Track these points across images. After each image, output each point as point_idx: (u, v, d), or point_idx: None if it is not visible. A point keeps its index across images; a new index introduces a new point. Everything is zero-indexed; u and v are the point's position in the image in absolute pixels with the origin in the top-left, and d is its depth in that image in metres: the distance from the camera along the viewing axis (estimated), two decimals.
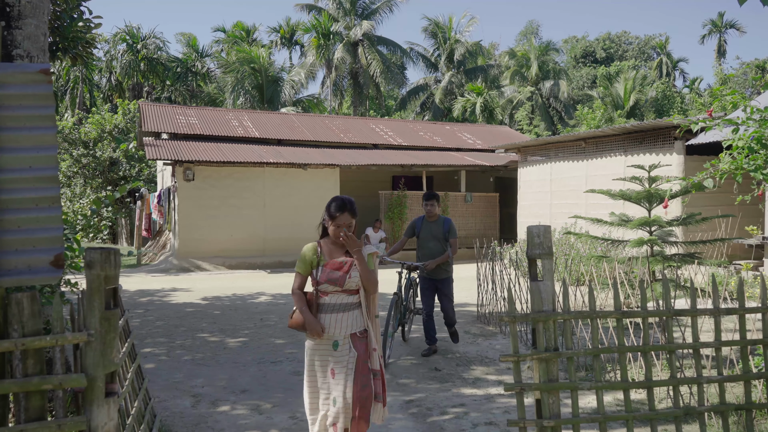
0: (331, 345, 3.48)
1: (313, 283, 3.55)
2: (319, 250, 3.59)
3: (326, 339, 3.48)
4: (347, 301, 3.52)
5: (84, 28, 6.54)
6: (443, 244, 6.58)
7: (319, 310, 3.52)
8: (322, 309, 3.52)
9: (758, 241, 10.07)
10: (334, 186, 17.08)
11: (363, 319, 3.56)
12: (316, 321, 3.47)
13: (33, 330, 2.40)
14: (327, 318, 3.49)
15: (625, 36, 55.11)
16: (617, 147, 13.21)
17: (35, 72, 2.68)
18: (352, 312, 3.52)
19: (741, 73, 36.65)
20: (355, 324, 3.52)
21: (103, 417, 2.45)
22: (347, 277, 3.49)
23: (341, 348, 3.46)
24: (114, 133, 25.93)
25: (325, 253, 3.58)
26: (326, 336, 3.47)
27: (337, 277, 3.49)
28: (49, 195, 2.64)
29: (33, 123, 2.65)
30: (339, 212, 3.52)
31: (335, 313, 3.49)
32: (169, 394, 5.24)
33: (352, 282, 3.50)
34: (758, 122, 4.30)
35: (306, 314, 3.49)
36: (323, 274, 3.50)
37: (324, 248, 3.61)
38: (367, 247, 3.63)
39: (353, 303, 3.54)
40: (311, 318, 3.47)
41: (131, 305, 9.79)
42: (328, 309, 3.50)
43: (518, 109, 36.82)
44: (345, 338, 3.47)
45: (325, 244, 3.62)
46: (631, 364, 5.42)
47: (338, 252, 3.59)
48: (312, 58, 35.03)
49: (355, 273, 3.50)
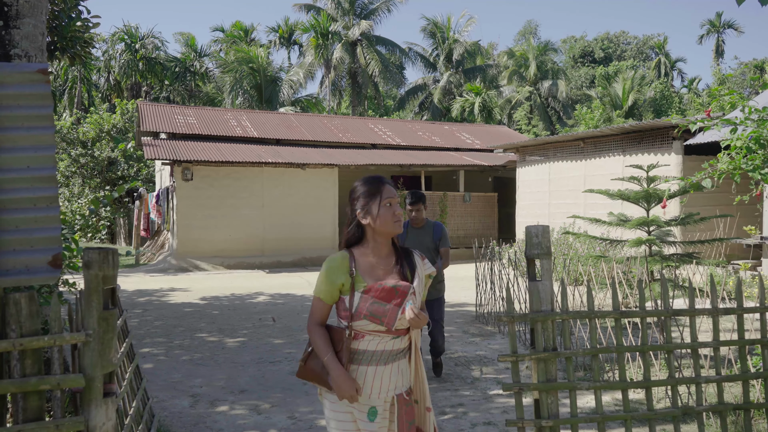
0: (366, 414, 2.39)
1: (344, 316, 2.41)
2: (353, 265, 2.41)
3: (360, 404, 2.39)
4: (394, 347, 2.40)
5: (82, 27, 6.53)
6: (434, 255, 5.52)
7: (351, 359, 2.39)
8: (356, 358, 2.38)
9: (756, 241, 10.09)
10: (333, 186, 17.08)
11: (411, 370, 2.48)
12: (348, 377, 2.34)
13: (31, 330, 2.40)
14: (363, 372, 2.38)
15: (624, 36, 55.17)
16: (616, 147, 13.21)
17: (33, 72, 2.68)
18: (398, 363, 2.42)
19: (739, 73, 36.70)
20: (402, 380, 2.44)
21: (101, 417, 2.44)
22: (399, 312, 2.35)
23: (380, 419, 2.40)
24: (112, 132, 25.90)
25: (362, 270, 2.42)
26: (360, 400, 2.38)
27: (385, 311, 2.34)
28: (47, 195, 2.64)
29: (31, 123, 2.64)
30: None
31: (375, 365, 2.38)
32: (168, 394, 5.24)
33: (405, 319, 2.35)
34: (756, 122, 4.30)
35: (333, 366, 2.34)
36: (363, 303, 2.35)
37: (361, 263, 2.44)
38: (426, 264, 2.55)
39: (401, 349, 2.43)
40: (342, 373, 2.33)
41: (130, 305, 9.78)
42: (364, 358, 2.38)
43: (517, 109, 36.86)
44: (386, 403, 2.41)
45: (363, 256, 2.45)
46: (630, 363, 5.42)
47: (384, 269, 2.45)
48: (310, 57, 35.02)
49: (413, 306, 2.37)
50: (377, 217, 2.42)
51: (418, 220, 5.55)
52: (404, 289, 2.37)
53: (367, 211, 2.44)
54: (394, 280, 2.39)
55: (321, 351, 2.40)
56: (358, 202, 2.48)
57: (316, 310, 2.48)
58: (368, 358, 2.38)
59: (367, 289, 2.36)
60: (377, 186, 2.47)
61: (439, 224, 5.66)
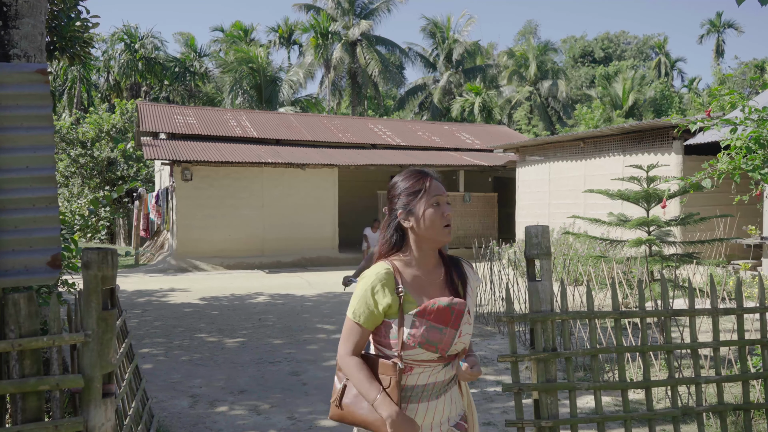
0: None
1: (386, 344, 1.99)
2: (399, 281, 1.98)
3: None
4: (445, 376, 2.02)
5: (81, 27, 6.53)
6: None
7: (403, 396, 1.97)
8: (409, 395, 1.98)
9: (756, 241, 10.09)
10: (333, 186, 17.08)
11: (463, 393, 2.15)
12: (409, 419, 1.92)
13: (30, 331, 2.39)
14: (413, 411, 1.98)
15: (624, 36, 55.19)
16: (616, 147, 13.21)
17: (32, 72, 2.67)
18: (450, 392, 2.06)
19: (739, 73, 36.70)
20: (456, 408, 2.08)
21: (100, 418, 2.44)
22: (457, 334, 1.96)
23: None
24: (112, 132, 25.90)
25: (410, 286, 2.00)
26: None
27: (442, 336, 1.94)
28: (46, 195, 2.64)
29: (30, 123, 2.64)
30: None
31: (427, 401, 1.99)
32: (167, 394, 5.23)
33: (462, 342, 1.99)
34: (756, 122, 4.30)
35: (388, 407, 1.90)
36: (416, 329, 1.93)
37: (406, 277, 2.01)
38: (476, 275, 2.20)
39: (452, 378, 2.05)
40: (400, 414, 1.90)
41: (129, 305, 9.77)
42: (415, 394, 1.98)
43: (517, 108, 36.88)
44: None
45: (407, 268, 2.03)
46: (630, 364, 5.42)
47: (432, 284, 2.04)
48: (310, 57, 35.04)
49: (468, 327, 2.00)
50: (422, 218, 1.99)
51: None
52: (460, 307, 1.95)
53: (410, 212, 2.01)
54: (447, 298, 1.96)
55: (366, 389, 1.94)
56: (398, 200, 2.05)
57: (353, 339, 2.01)
58: (418, 394, 1.98)
59: (421, 311, 1.92)
60: (422, 180, 2.03)
61: None
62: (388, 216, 2.10)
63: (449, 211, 2.03)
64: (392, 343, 1.97)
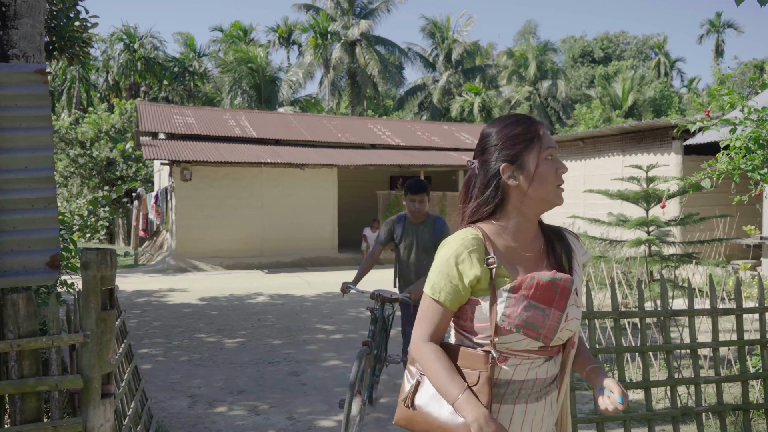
0: None
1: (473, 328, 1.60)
2: (489, 249, 1.60)
3: None
4: (547, 373, 1.63)
5: (80, 27, 6.53)
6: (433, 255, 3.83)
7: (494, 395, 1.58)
8: (502, 393, 1.59)
9: (756, 241, 10.09)
10: (332, 186, 17.07)
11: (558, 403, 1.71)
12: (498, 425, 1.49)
13: (29, 331, 2.39)
14: (508, 414, 1.59)
15: (623, 36, 55.22)
16: (615, 147, 13.22)
17: (31, 72, 2.67)
18: (551, 398, 1.66)
19: (739, 73, 36.72)
20: (553, 420, 1.69)
21: (99, 418, 2.44)
22: (563, 317, 1.57)
23: None
24: (111, 133, 25.89)
25: (502, 258, 1.62)
26: None
27: (544, 318, 1.55)
28: (45, 195, 2.64)
29: (29, 123, 2.64)
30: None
31: (525, 402, 1.60)
32: (166, 394, 5.23)
33: (569, 328, 1.60)
34: (756, 122, 4.30)
35: (474, 409, 1.50)
36: (512, 308, 1.54)
37: (499, 247, 1.63)
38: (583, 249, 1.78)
39: (554, 377, 1.66)
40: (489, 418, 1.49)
41: (128, 306, 9.77)
42: (509, 392, 1.59)
43: (516, 109, 36.86)
44: None
45: (498, 238, 1.63)
46: (629, 364, 5.42)
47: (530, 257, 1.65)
48: (310, 57, 35.03)
49: (576, 310, 1.61)
50: (535, 176, 1.61)
51: (419, 213, 4.65)
52: (565, 284, 1.56)
53: (520, 166, 1.61)
54: (548, 272, 1.56)
55: (446, 384, 1.54)
56: (498, 150, 1.62)
57: (432, 320, 1.61)
58: (514, 393, 1.58)
59: (517, 285, 1.53)
60: (533, 127, 1.63)
61: (442, 219, 4.75)
62: (478, 171, 1.66)
63: (564, 167, 1.69)
64: (480, 327, 1.57)
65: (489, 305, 1.56)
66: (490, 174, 1.64)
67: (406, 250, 4.70)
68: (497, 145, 1.64)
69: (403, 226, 4.75)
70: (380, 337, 4.54)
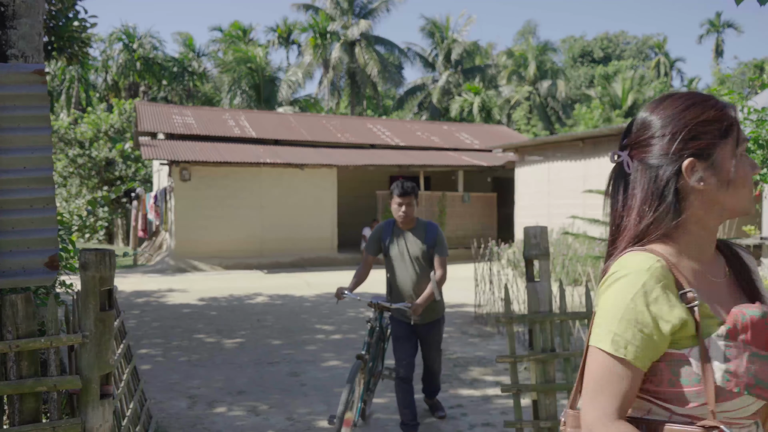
0: None
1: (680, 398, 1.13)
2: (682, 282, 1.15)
3: None
4: None
5: (79, 27, 6.53)
6: (427, 265, 4.20)
7: None
8: None
9: (756, 241, 10.09)
10: (332, 186, 17.07)
11: None
12: None
13: (27, 332, 2.39)
14: None
15: (623, 36, 55.24)
16: (615, 147, 13.20)
17: (30, 72, 2.67)
18: None
19: (739, 73, 36.74)
20: None
21: (98, 419, 2.43)
22: None
23: None
24: (110, 133, 25.88)
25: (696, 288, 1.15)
26: None
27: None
28: (44, 196, 2.63)
29: (28, 123, 2.63)
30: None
31: None
32: (166, 395, 5.22)
33: None
34: (755, 122, 4.31)
35: None
36: (735, 362, 1.11)
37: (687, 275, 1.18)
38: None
39: None
40: None
41: (127, 306, 9.76)
42: None
43: (516, 108, 36.89)
44: None
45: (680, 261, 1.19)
46: None
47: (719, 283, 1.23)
48: (309, 57, 35.02)
49: None
50: (733, 180, 1.20)
51: (408, 219, 4.16)
52: None
53: (712, 164, 1.19)
54: (754, 306, 1.16)
55: None
56: (680, 142, 1.19)
57: (616, 387, 1.13)
58: None
59: (732, 329, 1.12)
60: (727, 112, 1.21)
61: (434, 225, 4.28)
62: (638, 173, 1.23)
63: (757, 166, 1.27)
64: (692, 392, 1.12)
65: (700, 361, 1.11)
66: (667, 174, 1.19)
67: (397, 260, 4.24)
68: (676, 134, 1.19)
69: (391, 233, 4.28)
70: (375, 350, 4.29)
